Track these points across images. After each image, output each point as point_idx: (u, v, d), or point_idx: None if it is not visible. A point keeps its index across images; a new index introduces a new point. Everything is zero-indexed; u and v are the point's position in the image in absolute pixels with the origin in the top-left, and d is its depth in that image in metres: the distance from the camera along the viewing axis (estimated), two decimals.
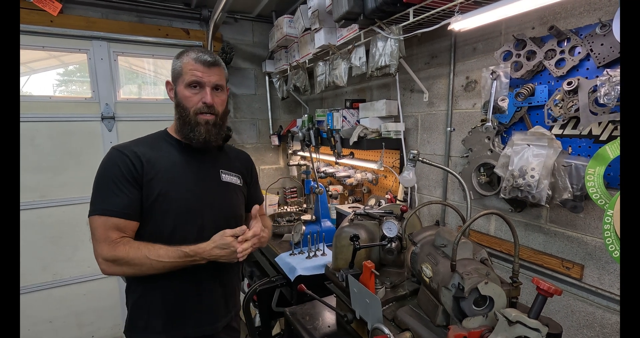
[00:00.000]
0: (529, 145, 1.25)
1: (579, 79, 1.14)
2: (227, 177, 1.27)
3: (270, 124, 3.30)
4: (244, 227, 1.11)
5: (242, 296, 1.50)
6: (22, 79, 2.42)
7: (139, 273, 1.07)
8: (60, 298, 2.59)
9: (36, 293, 2.50)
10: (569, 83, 1.16)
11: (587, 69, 1.16)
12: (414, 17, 1.45)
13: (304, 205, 2.83)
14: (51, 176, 2.50)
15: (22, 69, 2.41)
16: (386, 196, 2.11)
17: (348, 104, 2.26)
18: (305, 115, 2.64)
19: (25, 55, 2.40)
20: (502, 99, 1.35)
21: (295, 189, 3.26)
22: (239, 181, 1.31)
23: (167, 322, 1.16)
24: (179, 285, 1.15)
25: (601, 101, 1.03)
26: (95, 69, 2.56)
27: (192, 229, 1.14)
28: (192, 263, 1.08)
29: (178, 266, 1.07)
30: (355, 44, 1.85)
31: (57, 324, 2.59)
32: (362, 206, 2.23)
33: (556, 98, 1.22)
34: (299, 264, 1.73)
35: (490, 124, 1.41)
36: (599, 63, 1.11)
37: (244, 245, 1.08)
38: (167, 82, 1.21)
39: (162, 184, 1.11)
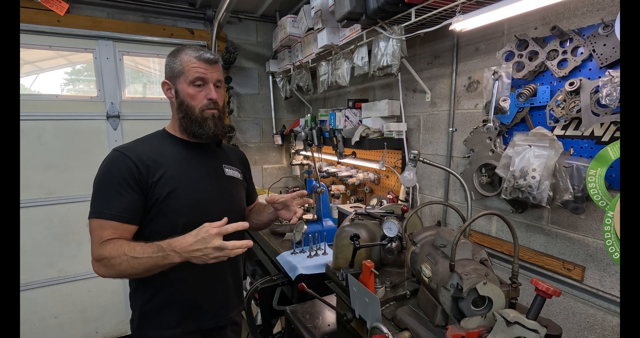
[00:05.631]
0: (530, 146, 1.25)
1: (581, 80, 1.13)
2: (230, 171, 1.31)
3: (274, 124, 3.31)
4: (225, 221, 0.97)
5: (244, 294, 1.52)
6: (30, 78, 2.45)
7: (121, 273, 1.00)
8: (66, 294, 2.63)
9: (42, 289, 2.54)
10: (571, 84, 1.15)
11: (590, 69, 1.16)
12: (415, 17, 1.45)
13: (306, 204, 2.84)
14: (57, 174, 2.53)
15: (30, 68, 2.44)
16: (388, 196, 2.11)
17: (350, 104, 2.26)
18: (308, 115, 2.64)
19: (33, 54, 2.43)
20: (504, 100, 1.34)
21: (298, 188, 3.27)
22: (239, 175, 1.35)
23: (181, 316, 1.17)
24: (193, 279, 1.15)
25: (603, 102, 1.03)
26: (101, 68, 2.59)
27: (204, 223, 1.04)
28: (165, 261, 0.96)
29: (153, 266, 0.97)
30: (358, 44, 1.85)
31: (63, 319, 2.63)
32: (363, 206, 2.23)
33: (558, 99, 1.21)
34: (300, 263, 1.74)
35: (491, 124, 1.41)
36: (602, 64, 1.11)
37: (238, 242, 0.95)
38: (164, 82, 1.20)
39: (172, 182, 1.12)
